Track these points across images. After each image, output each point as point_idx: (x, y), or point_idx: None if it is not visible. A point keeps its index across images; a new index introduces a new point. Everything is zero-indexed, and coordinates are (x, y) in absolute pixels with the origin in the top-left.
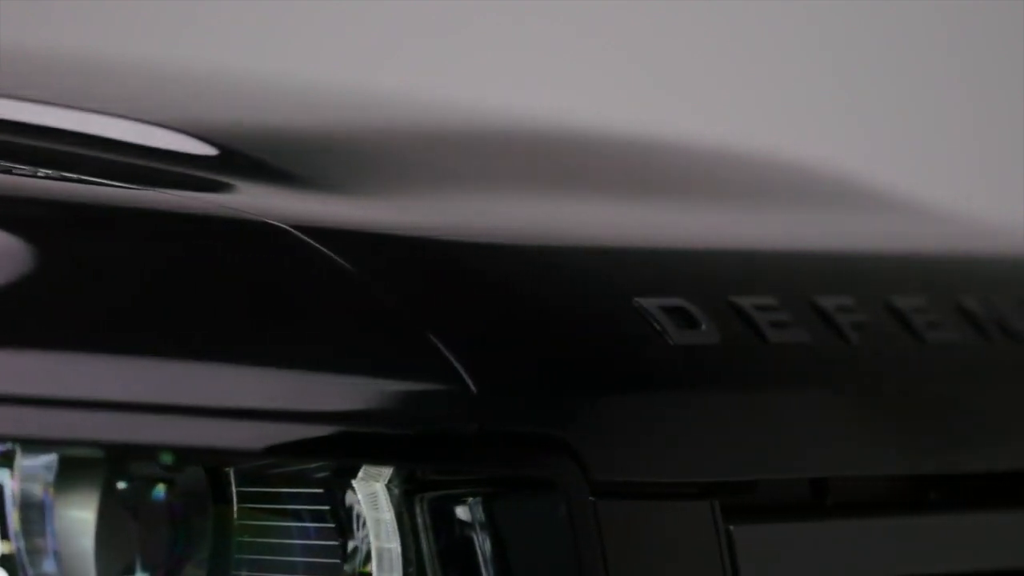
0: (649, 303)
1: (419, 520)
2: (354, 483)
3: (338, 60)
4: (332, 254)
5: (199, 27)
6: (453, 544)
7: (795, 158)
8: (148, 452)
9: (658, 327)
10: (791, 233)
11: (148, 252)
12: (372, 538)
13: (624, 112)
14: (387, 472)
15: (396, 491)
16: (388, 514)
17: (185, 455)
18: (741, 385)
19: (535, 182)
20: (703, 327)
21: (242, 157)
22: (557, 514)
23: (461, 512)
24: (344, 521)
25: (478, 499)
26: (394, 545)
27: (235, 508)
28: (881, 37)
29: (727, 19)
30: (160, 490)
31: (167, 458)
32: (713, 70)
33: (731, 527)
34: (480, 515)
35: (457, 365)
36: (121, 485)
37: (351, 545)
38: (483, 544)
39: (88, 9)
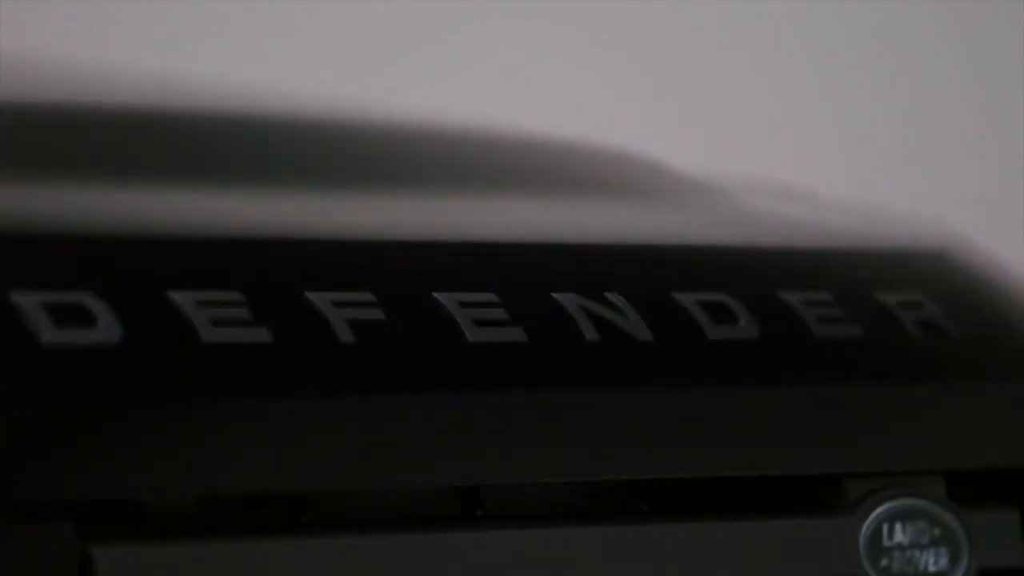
0: (28, 298)
1: None
2: None
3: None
4: None
5: (193, 36)
6: None
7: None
8: None
9: (30, 326)
10: (346, 220)
11: None
12: None
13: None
14: None
15: None
16: None
17: None
18: (136, 390)
19: (127, 170)
20: (101, 324)
21: None
22: None
23: None
24: None
25: None
26: None
27: None
28: (880, 51)
29: (725, 21)
30: None
31: None
32: (709, 72)
33: (94, 550)
34: None
35: None
36: None
37: None
38: None
39: (86, 11)
